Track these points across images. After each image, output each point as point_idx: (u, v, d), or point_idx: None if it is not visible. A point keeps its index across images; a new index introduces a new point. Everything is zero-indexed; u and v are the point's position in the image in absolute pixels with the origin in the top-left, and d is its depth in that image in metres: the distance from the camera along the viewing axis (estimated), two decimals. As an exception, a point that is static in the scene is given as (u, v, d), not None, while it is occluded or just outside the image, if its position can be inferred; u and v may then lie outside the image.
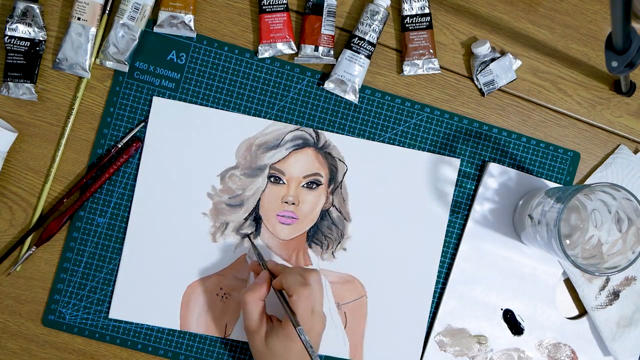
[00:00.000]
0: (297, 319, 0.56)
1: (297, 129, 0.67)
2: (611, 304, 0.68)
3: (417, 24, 0.66)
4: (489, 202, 0.68)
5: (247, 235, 0.66)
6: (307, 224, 0.67)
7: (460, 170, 0.68)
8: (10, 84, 0.63)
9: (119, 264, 0.65)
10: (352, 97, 0.66)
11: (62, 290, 0.65)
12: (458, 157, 0.68)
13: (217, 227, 0.66)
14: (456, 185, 0.68)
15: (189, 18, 0.65)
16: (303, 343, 0.54)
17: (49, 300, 0.65)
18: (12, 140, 0.64)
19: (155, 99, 0.66)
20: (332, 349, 0.67)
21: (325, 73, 0.67)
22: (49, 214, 0.64)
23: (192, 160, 0.66)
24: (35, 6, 0.63)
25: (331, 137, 0.67)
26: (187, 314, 0.66)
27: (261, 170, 0.66)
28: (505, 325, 0.68)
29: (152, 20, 0.65)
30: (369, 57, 0.66)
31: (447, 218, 0.68)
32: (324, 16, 0.65)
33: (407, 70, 0.67)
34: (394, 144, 0.68)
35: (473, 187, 0.68)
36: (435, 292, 0.68)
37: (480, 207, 0.68)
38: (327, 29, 0.65)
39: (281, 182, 0.66)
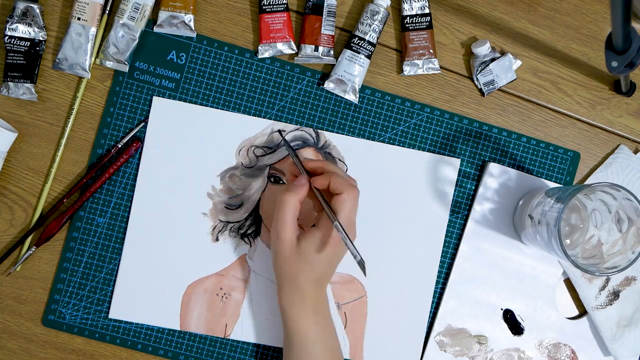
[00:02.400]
0: (338, 218, 0.55)
1: (297, 129, 0.67)
2: (611, 304, 0.68)
3: (417, 24, 0.66)
4: (489, 202, 0.68)
5: (279, 132, 0.63)
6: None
7: (460, 170, 0.68)
8: (10, 84, 0.63)
9: (119, 264, 0.65)
10: (352, 97, 0.66)
11: (62, 290, 0.65)
12: (458, 157, 0.68)
13: (217, 227, 0.66)
14: (456, 185, 0.68)
15: (189, 18, 0.65)
16: (343, 239, 0.53)
17: (49, 300, 0.65)
18: (12, 140, 0.64)
19: (155, 99, 0.66)
20: (332, 349, 0.67)
21: (325, 73, 0.67)
22: (49, 214, 0.64)
23: (192, 160, 0.66)
24: (35, 6, 0.63)
25: (331, 137, 0.67)
26: (187, 314, 0.66)
27: (261, 171, 0.66)
28: (505, 325, 0.68)
29: (152, 20, 0.65)
30: (369, 57, 0.66)
31: (447, 218, 0.68)
32: (324, 16, 0.65)
33: (407, 70, 0.67)
34: (394, 144, 0.68)
35: (473, 187, 0.68)
36: (435, 292, 0.68)
37: (480, 207, 0.68)
38: (327, 29, 0.65)
39: (281, 182, 0.66)
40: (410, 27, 0.66)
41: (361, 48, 0.65)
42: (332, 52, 0.66)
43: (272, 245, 0.59)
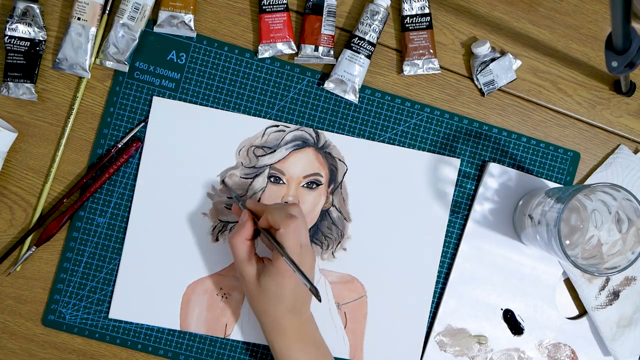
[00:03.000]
0: (286, 251, 0.55)
1: (297, 129, 0.67)
2: (611, 304, 0.68)
3: (417, 24, 0.66)
4: (489, 202, 0.68)
5: (223, 180, 0.65)
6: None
7: (460, 170, 0.68)
8: (10, 84, 0.63)
9: (119, 264, 0.65)
10: (352, 97, 0.66)
11: (62, 290, 0.65)
12: (458, 157, 0.68)
13: (217, 227, 0.66)
14: (456, 185, 0.68)
15: (189, 18, 0.65)
16: (296, 272, 0.54)
17: (49, 300, 0.65)
18: (12, 140, 0.64)
19: (155, 99, 0.66)
20: (332, 349, 0.67)
21: (325, 73, 0.67)
22: (49, 214, 0.64)
23: (192, 160, 0.66)
24: (35, 6, 0.63)
25: (331, 137, 0.67)
26: (187, 314, 0.66)
27: (261, 170, 0.66)
28: (505, 325, 0.68)
29: (152, 20, 0.65)
30: (369, 57, 0.66)
31: (447, 218, 0.68)
32: (324, 16, 0.65)
33: (407, 70, 0.67)
34: (394, 144, 0.68)
35: (473, 187, 0.68)
36: (435, 292, 0.68)
37: (480, 207, 0.68)
38: (327, 29, 0.65)
39: (281, 182, 0.66)
40: (410, 27, 0.66)
41: (361, 48, 0.65)
42: (332, 52, 0.66)
43: (240, 283, 0.61)
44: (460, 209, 0.68)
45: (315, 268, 0.59)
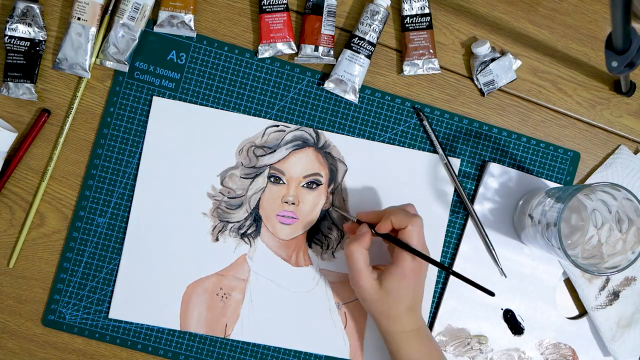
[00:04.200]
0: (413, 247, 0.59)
1: (297, 129, 0.67)
2: (611, 304, 0.68)
3: (417, 24, 0.66)
4: (489, 202, 0.68)
5: (332, 204, 0.66)
6: (307, 224, 0.67)
7: (460, 170, 0.68)
8: (10, 84, 0.63)
9: (119, 264, 0.65)
10: (352, 97, 0.66)
11: (62, 290, 0.65)
12: (458, 157, 0.68)
13: (217, 227, 0.66)
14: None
15: (189, 18, 0.65)
16: (430, 261, 0.58)
17: (49, 300, 0.65)
18: (12, 140, 0.64)
19: (155, 99, 0.66)
20: (332, 349, 0.67)
21: (325, 73, 0.67)
22: None
23: (192, 160, 0.66)
24: (35, 6, 0.63)
25: (331, 137, 0.67)
26: (187, 314, 0.66)
27: (261, 170, 0.66)
28: (505, 325, 0.68)
29: (152, 20, 0.65)
30: (369, 57, 0.66)
31: (447, 218, 0.68)
32: (324, 16, 0.65)
33: (407, 70, 0.67)
34: (394, 144, 0.68)
35: (473, 187, 0.68)
36: (435, 292, 0.68)
37: (480, 207, 0.68)
38: (327, 29, 0.65)
39: (281, 182, 0.66)
40: (410, 27, 0.66)
41: (361, 48, 0.65)
42: (332, 52, 0.66)
43: (357, 294, 0.62)
44: (460, 209, 0.68)
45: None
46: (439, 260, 0.68)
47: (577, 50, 0.70)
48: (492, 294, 0.57)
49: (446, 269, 0.58)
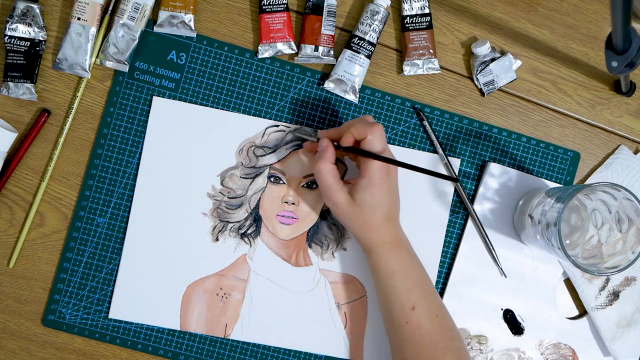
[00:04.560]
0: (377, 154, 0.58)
1: (297, 129, 0.67)
2: (611, 304, 0.68)
3: (417, 24, 0.66)
4: (489, 202, 0.68)
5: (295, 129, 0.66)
6: (307, 224, 0.67)
7: (460, 170, 0.68)
8: (10, 84, 0.63)
9: (119, 264, 0.65)
10: (352, 97, 0.66)
11: (62, 290, 0.65)
12: (458, 157, 0.68)
13: (217, 227, 0.66)
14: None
15: (189, 18, 0.65)
16: (394, 162, 0.58)
17: (49, 300, 0.65)
18: (12, 140, 0.64)
19: (155, 99, 0.66)
20: (332, 349, 0.67)
21: (325, 73, 0.67)
22: None
23: (192, 160, 0.66)
24: (35, 6, 0.63)
25: (331, 137, 0.67)
26: (187, 314, 0.66)
27: (261, 170, 0.66)
28: (505, 325, 0.68)
29: (152, 20, 0.65)
30: (369, 57, 0.66)
31: (447, 218, 0.68)
32: (324, 16, 0.65)
33: (407, 70, 0.67)
34: (394, 144, 0.68)
35: (473, 187, 0.68)
36: (435, 292, 0.68)
37: (480, 207, 0.68)
38: (327, 29, 0.65)
39: (281, 182, 0.66)
40: (410, 27, 0.66)
41: (361, 48, 0.65)
42: (332, 52, 0.66)
43: (332, 211, 0.62)
44: (460, 209, 0.68)
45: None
46: (437, 267, 0.68)
47: (577, 50, 0.70)
48: (456, 179, 0.60)
49: (409, 167, 0.58)
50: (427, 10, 0.66)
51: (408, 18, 0.66)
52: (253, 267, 0.66)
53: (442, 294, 0.68)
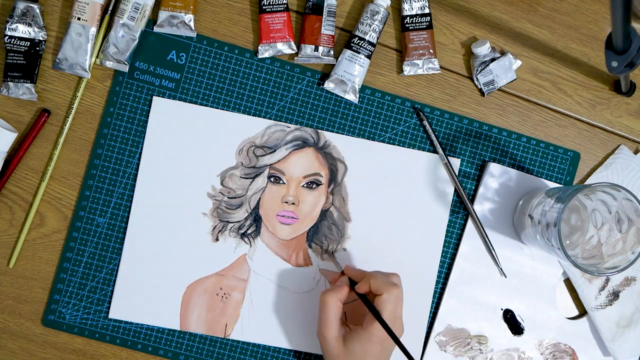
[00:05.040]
0: (382, 316, 0.57)
1: (297, 129, 0.67)
2: (611, 304, 0.68)
3: (417, 24, 0.66)
4: (489, 202, 0.68)
5: (330, 252, 0.66)
6: (307, 224, 0.67)
7: (460, 170, 0.68)
8: (10, 84, 0.63)
9: (119, 264, 0.65)
10: (352, 97, 0.66)
11: (62, 290, 0.65)
12: (458, 157, 0.68)
13: (217, 227, 0.66)
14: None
15: (189, 18, 0.65)
16: (393, 338, 0.55)
17: (49, 300, 0.65)
18: (12, 140, 0.64)
19: (155, 99, 0.66)
20: (332, 349, 0.67)
21: (325, 73, 0.67)
22: None
23: (192, 160, 0.66)
24: (35, 6, 0.63)
25: (331, 137, 0.67)
26: (187, 314, 0.66)
27: (261, 170, 0.66)
28: (505, 325, 0.68)
29: (152, 20, 0.65)
30: (369, 57, 0.66)
31: (447, 218, 0.68)
32: (324, 16, 0.65)
33: (407, 70, 0.67)
34: (394, 144, 0.68)
35: (473, 187, 0.68)
36: (435, 292, 0.68)
37: (480, 207, 0.68)
38: (327, 29, 0.65)
39: (281, 182, 0.66)
40: (410, 27, 0.66)
41: (361, 48, 0.65)
42: (332, 52, 0.66)
43: (320, 343, 0.60)
44: (460, 209, 0.68)
45: (402, 308, 0.60)
46: (437, 267, 0.68)
47: (577, 50, 0.70)
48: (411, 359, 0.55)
49: (402, 349, 0.55)
50: (427, 10, 0.66)
51: (408, 18, 0.66)
52: (253, 267, 0.66)
53: (442, 294, 0.68)
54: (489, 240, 0.67)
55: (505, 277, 0.68)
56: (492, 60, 0.67)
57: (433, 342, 0.67)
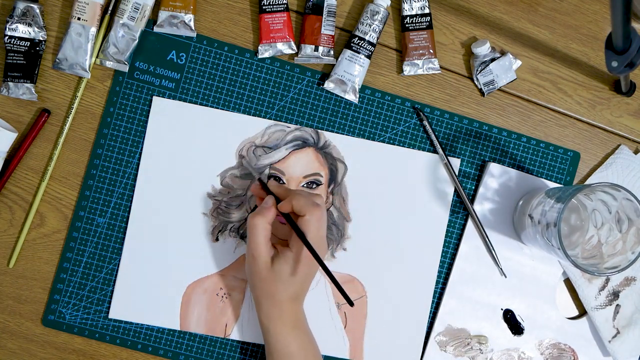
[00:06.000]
0: (307, 238, 0.56)
1: (297, 129, 0.67)
2: (611, 304, 0.68)
3: (417, 24, 0.66)
4: (489, 202, 0.68)
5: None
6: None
7: (460, 170, 0.68)
8: (10, 84, 0.63)
9: (119, 264, 0.65)
10: (352, 97, 0.66)
11: (62, 290, 0.65)
12: (458, 157, 0.68)
13: (217, 227, 0.66)
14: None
15: (189, 18, 0.65)
16: (317, 259, 0.56)
17: (49, 300, 0.65)
18: (12, 140, 0.64)
19: (155, 99, 0.66)
20: (332, 349, 0.67)
21: (325, 73, 0.67)
22: None
23: (192, 160, 0.66)
24: (35, 6, 0.63)
25: (331, 137, 0.67)
26: (187, 314, 0.66)
27: (261, 170, 0.66)
28: (505, 325, 0.68)
29: (152, 20, 0.65)
30: (369, 57, 0.66)
31: (447, 218, 0.68)
32: (324, 16, 0.65)
33: (407, 70, 0.67)
34: (394, 144, 0.68)
35: (473, 187, 0.68)
36: (435, 292, 0.68)
37: (480, 207, 0.68)
38: (327, 29, 0.65)
39: (281, 182, 0.66)
40: (410, 27, 0.66)
41: (361, 48, 0.65)
42: (332, 52, 0.66)
43: (247, 266, 0.60)
44: (460, 209, 0.68)
45: (326, 226, 0.60)
46: (437, 267, 0.68)
47: (577, 50, 0.70)
48: (351, 303, 0.55)
49: (325, 270, 0.56)
50: (427, 10, 0.66)
51: (408, 18, 0.66)
52: (253, 267, 0.66)
53: (442, 294, 0.68)
54: (489, 240, 0.67)
55: (505, 277, 0.68)
56: (492, 60, 0.67)
57: (433, 342, 0.67)
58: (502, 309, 0.68)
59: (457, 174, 0.68)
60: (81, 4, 0.63)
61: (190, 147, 0.66)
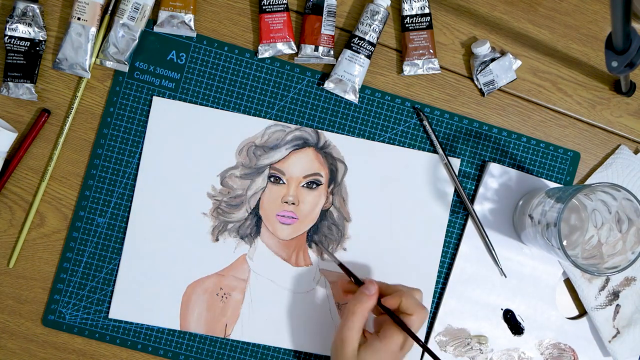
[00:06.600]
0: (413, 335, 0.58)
1: (297, 129, 0.67)
2: (611, 304, 0.68)
3: (417, 24, 0.66)
4: (489, 202, 0.68)
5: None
6: (307, 224, 0.67)
7: (460, 170, 0.68)
8: (10, 84, 0.63)
9: (119, 264, 0.65)
10: (352, 97, 0.66)
11: (62, 290, 0.65)
12: (458, 157, 0.68)
13: (217, 227, 0.66)
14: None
15: (189, 18, 0.65)
16: (429, 353, 0.58)
17: (49, 300, 0.65)
18: (12, 140, 0.64)
19: (155, 99, 0.66)
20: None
21: (325, 73, 0.67)
22: None
23: (192, 160, 0.66)
24: (35, 6, 0.63)
25: (331, 137, 0.67)
26: (187, 314, 0.66)
27: (261, 170, 0.66)
28: (505, 325, 0.68)
29: (152, 20, 0.65)
30: (369, 57, 0.66)
31: (447, 218, 0.68)
32: (324, 16, 0.65)
33: (407, 70, 0.67)
34: (394, 144, 0.68)
35: (473, 187, 0.68)
36: (435, 292, 0.68)
37: (480, 207, 0.68)
38: (327, 29, 0.65)
39: (281, 182, 0.66)
40: (410, 27, 0.66)
41: (361, 48, 0.65)
42: (332, 52, 0.66)
43: (333, 347, 0.60)
44: (460, 209, 0.68)
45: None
46: (437, 267, 0.68)
47: (577, 50, 0.70)
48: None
49: (431, 354, 0.58)
50: (427, 10, 0.66)
51: (408, 18, 0.66)
52: (253, 267, 0.66)
53: (442, 294, 0.68)
54: (489, 240, 0.67)
55: (505, 277, 0.68)
56: (492, 60, 0.67)
57: (433, 342, 0.67)
58: (502, 309, 0.68)
59: (457, 174, 0.68)
60: (81, 4, 0.63)
61: (190, 147, 0.66)
